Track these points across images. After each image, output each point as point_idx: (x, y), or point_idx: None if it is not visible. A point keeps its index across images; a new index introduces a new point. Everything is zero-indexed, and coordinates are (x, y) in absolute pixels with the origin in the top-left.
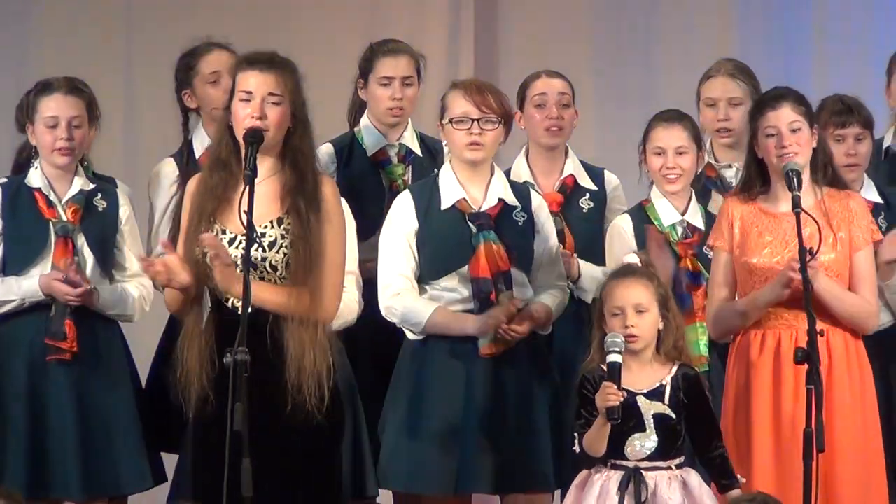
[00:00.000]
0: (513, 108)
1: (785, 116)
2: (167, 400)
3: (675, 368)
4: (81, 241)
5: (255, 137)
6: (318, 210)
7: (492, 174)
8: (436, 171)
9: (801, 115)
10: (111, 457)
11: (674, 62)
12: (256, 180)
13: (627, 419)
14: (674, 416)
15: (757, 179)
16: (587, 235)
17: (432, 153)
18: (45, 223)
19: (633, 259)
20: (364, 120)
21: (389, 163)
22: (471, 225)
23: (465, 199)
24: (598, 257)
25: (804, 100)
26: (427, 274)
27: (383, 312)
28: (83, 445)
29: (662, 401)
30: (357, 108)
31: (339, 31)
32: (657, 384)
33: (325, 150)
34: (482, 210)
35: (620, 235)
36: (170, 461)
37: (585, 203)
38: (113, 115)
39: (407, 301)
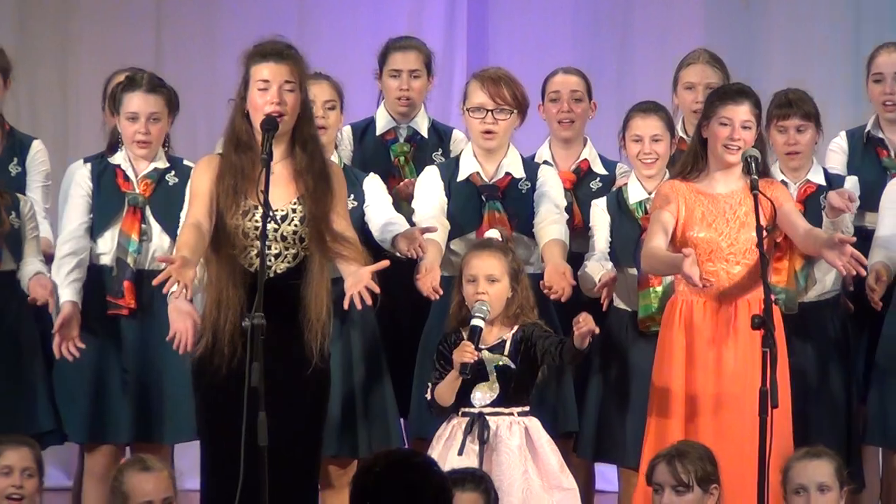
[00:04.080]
0: (528, 97)
1: (742, 114)
2: None
3: (516, 327)
4: (149, 211)
5: (271, 125)
6: (329, 187)
7: (506, 152)
8: (440, 151)
9: (754, 117)
10: (162, 406)
11: (648, 56)
12: (273, 162)
13: (473, 371)
14: (513, 365)
15: (700, 160)
16: None
17: (441, 136)
18: (121, 195)
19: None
20: (381, 106)
21: (396, 141)
22: (482, 196)
23: (477, 172)
24: None
25: (759, 102)
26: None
27: None
28: (139, 394)
29: (503, 353)
30: (380, 96)
31: (347, 29)
32: (499, 339)
33: (345, 132)
34: (492, 182)
35: (595, 213)
36: None
37: (595, 184)
38: None
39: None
